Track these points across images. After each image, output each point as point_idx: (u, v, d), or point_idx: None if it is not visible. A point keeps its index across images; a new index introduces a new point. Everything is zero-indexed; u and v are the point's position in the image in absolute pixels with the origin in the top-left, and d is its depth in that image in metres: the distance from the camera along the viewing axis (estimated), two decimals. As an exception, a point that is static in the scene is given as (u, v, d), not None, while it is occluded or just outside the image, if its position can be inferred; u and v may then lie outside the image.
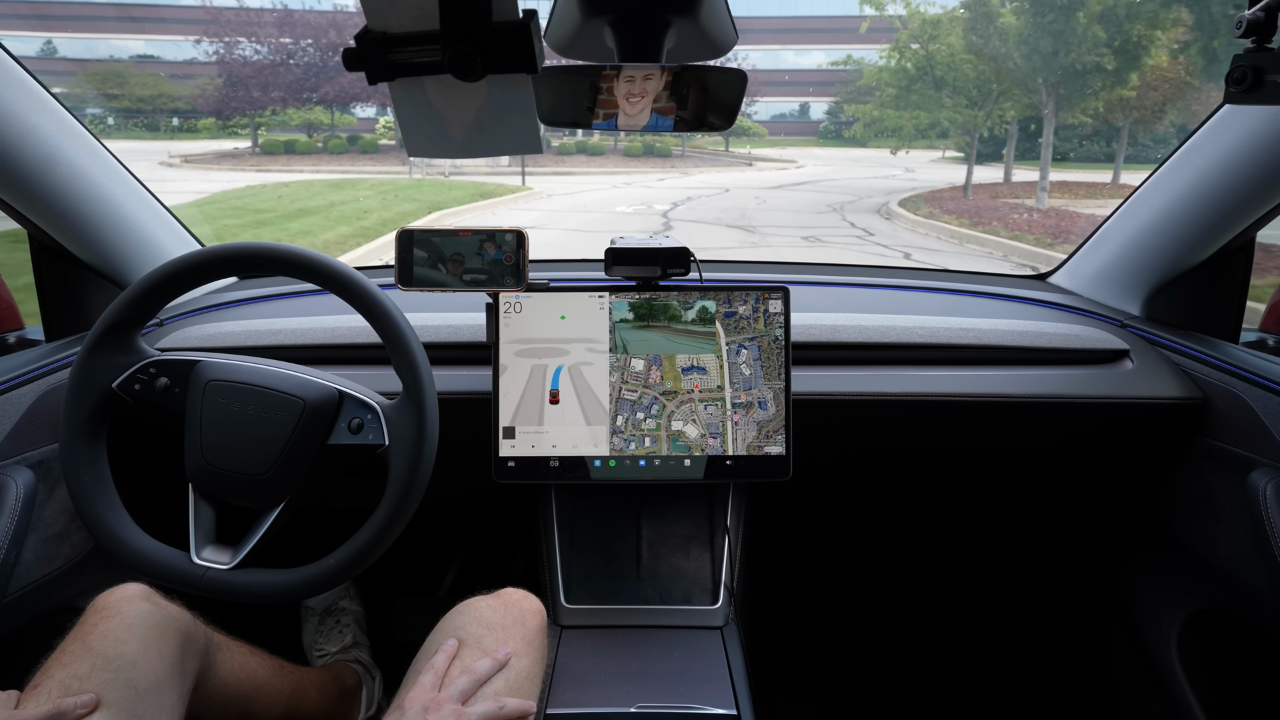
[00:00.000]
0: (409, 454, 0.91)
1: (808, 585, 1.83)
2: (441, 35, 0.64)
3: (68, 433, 0.94)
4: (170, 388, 0.96)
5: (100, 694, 0.82)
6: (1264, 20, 0.78)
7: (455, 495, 1.54)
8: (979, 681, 1.69)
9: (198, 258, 0.95)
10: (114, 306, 0.95)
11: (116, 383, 0.96)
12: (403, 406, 0.93)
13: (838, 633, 1.79)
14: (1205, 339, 1.28)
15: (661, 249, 1.13)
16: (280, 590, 0.92)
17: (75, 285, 1.32)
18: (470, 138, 0.77)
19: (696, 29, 0.83)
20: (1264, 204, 1.16)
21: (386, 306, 0.93)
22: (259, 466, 0.92)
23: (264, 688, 1.09)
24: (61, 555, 1.15)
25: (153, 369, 0.97)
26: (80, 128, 1.20)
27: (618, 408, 1.13)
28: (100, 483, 0.95)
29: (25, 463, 1.09)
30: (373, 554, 0.92)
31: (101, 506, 0.94)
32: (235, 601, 0.92)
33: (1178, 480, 1.28)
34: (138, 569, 0.93)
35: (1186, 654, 1.26)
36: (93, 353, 0.95)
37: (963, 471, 1.47)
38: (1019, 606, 1.74)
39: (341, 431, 0.94)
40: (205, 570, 0.92)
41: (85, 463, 0.94)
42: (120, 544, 0.93)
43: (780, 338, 1.14)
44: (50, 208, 1.19)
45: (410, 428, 0.91)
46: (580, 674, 1.03)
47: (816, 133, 30.11)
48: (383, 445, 0.92)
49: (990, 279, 1.61)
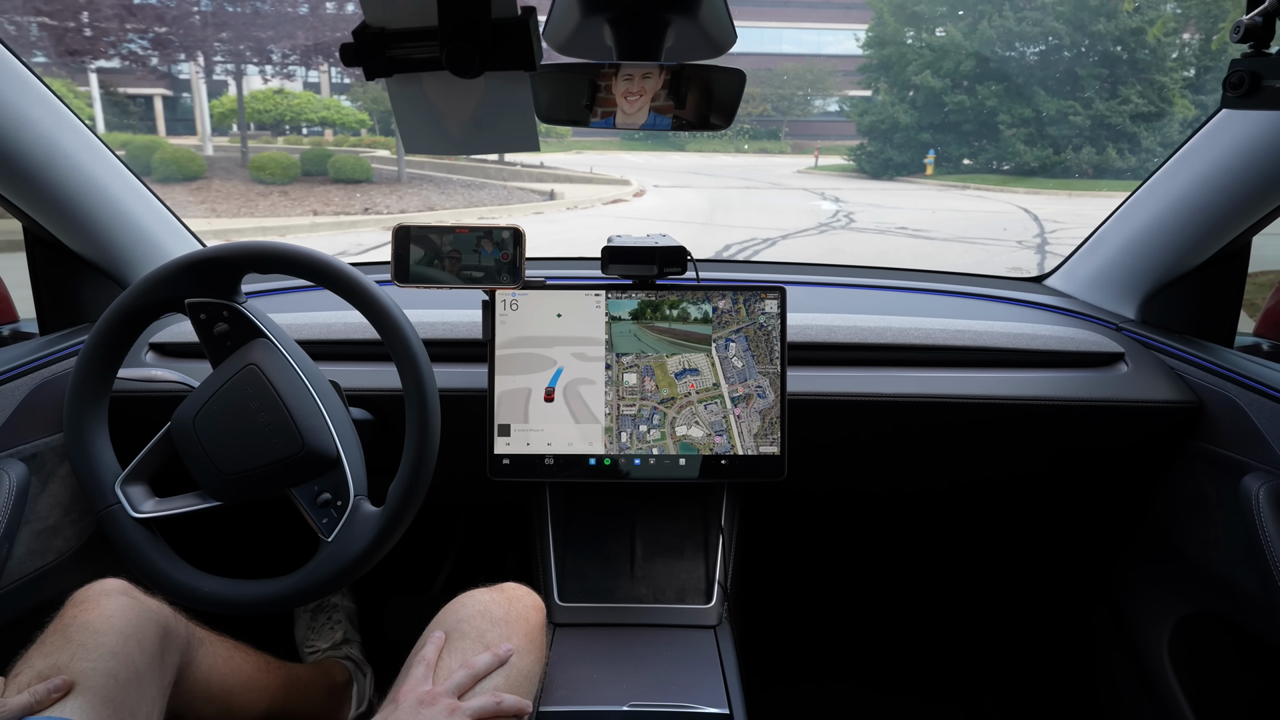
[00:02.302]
0: (336, 565, 0.90)
1: (801, 585, 1.83)
2: (440, 31, 0.64)
3: (118, 312, 0.94)
4: (225, 338, 0.97)
5: (80, 682, 0.81)
6: (1262, 26, 0.78)
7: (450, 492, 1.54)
8: (972, 681, 1.70)
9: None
10: (230, 245, 0.96)
11: (192, 300, 0.96)
12: (373, 520, 0.92)
13: (831, 632, 1.79)
14: (1200, 343, 1.28)
15: (658, 248, 1.13)
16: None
17: (70, 279, 1.32)
18: (468, 135, 0.77)
19: (695, 28, 0.83)
20: (1260, 209, 1.16)
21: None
22: (229, 464, 0.92)
23: (249, 683, 1.09)
24: (54, 549, 1.15)
25: (227, 312, 0.97)
26: (76, 121, 1.19)
27: (620, 424, 1.13)
28: (101, 376, 0.96)
29: (18, 456, 1.09)
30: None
31: (87, 394, 0.95)
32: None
33: (1171, 483, 1.28)
34: (71, 458, 0.94)
35: (1178, 656, 1.27)
36: (193, 267, 0.95)
37: (955, 471, 1.48)
38: (1012, 608, 1.74)
39: (308, 491, 0.93)
40: (113, 504, 0.93)
41: (108, 350, 0.95)
42: (78, 432, 0.94)
43: (764, 325, 1.14)
44: (45, 201, 1.19)
45: (359, 546, 0.91)
46: (574, 672, 1.03)
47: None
48: (325, 538, 0.92)
49: (986, 281, 1.61)
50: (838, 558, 1.84)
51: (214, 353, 0.97)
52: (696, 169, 19.52)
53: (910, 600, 1.82)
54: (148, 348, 1.26)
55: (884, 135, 19.02)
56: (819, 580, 1.83)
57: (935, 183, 17.75)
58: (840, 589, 1.84)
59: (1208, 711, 1.23)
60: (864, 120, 19.73)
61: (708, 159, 22.65)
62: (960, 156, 19.27)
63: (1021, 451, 1.37)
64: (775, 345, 1.14)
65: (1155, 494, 1.32)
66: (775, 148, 25.12)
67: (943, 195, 15.65)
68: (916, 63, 18.27)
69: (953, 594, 1.80)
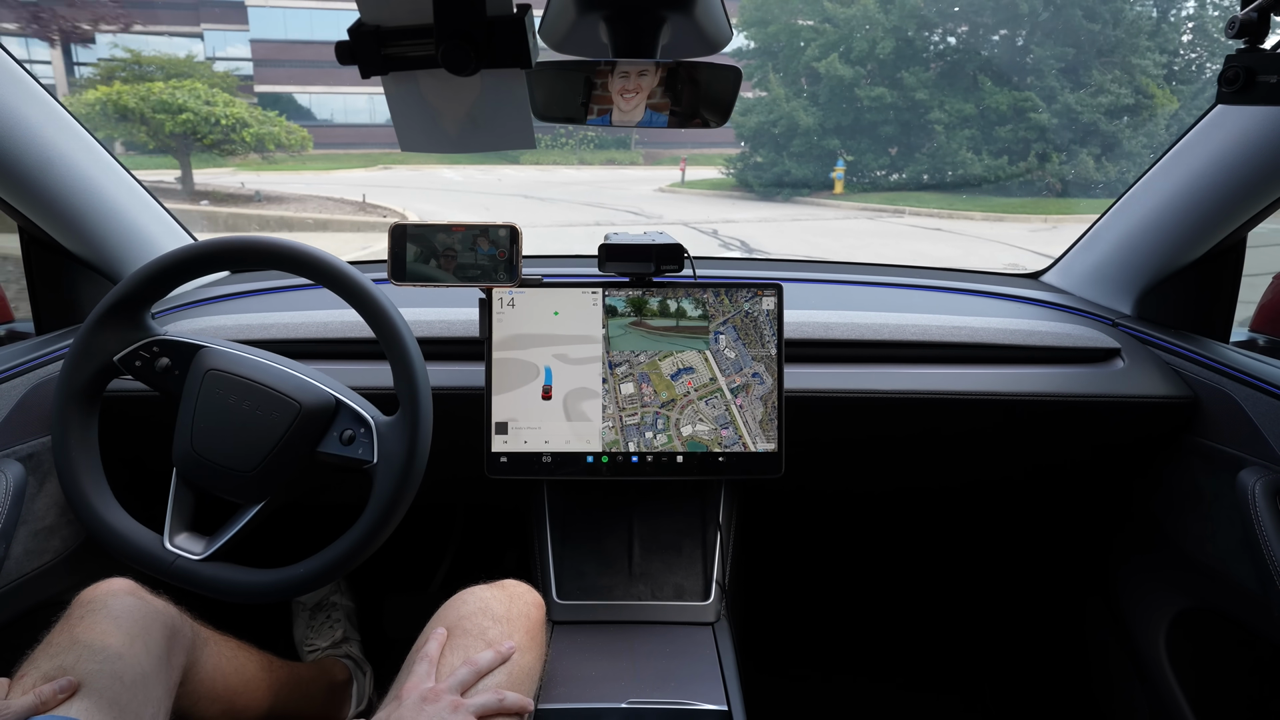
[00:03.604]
0: (396, 475, 0.91)
1: (799, 581, 1.83)
2: (435, 29, 0.64)
3: (62, 398, 0.94)
4: (171, 369, 0.96)
5: (86, 684, 0.82)
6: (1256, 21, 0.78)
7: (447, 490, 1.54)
8: (970, 676, 1.70)
9: (196, 251, 0.95)
10: (128, 281, 0.95)
11: (119, 355, 0.95)
12: (397, 424, 0.92)
13: (829, 628, 1.80)
14: (1196, 338, 1.29)
15: (655, 245, 1.13)
16: (246, 589, 0.92)
17: (66, 278, 1.31)
18: (464, 133, 0.77)
19: (691, 25, 0.83)
20: (1255, 204, 1.16)
21: (383, 304, 0.93)
22: (245, 462, 0.92)
23: (252, 682, 1.09)
24: (51, 549, 1.14)
25: (156, 348, 0.97)
26: (71, 120, 1.19)
27: (625, 435, 1.13)
28: (87, 454, 0.95)
29: (15, 456, 1.09)
30: (346, 566, 0.92)
31: (83, 477, 0.94)
32: (203, 595, 0.92)
33: (1167, 478, 1.28)
34: (106, 544, 0.93)
35: (1174, 650, 1.27)
36: (101, 322, 0.94)
37: (955, 468, 1.48)
38: (1010, 602, 1.75)
39: (333, 440, 0.94)
40: (175, 558, 0.92)
41: (75, 432, 0.94)
42: (95, 516, 0.93)
43: (750, 312, 1.14)
44: (40, 200, 1.19)
45: (401, 446, 0.91)
46: (572, 670, 1.03)
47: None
48: (370, 461, 0.92)
49: (983, 277, 1.61)
50: (835, 553, 1.84)
51: (171, 387, 0.97)
52: (529, 187, 15.17)
53: (908, 595, 1.82)
54: None
55: (775, 142, 14.30)
56: (817, 576, 1.84)
57: (852, 204, 13.22)
58: (838, 584, 1.84)
59: (1203, 704, 1.23)
60: (747, 121, 14.48)
61: (545, 173, 18.36)
62: (878, 168, 14.55)
63: (1019, 447, 1.37)
64: (765, 331, 1.14)
65: (1151, 489, 1.33)
66: (625, 158, 20.88)
67: (863, 221, 11.85)
68: (816, 44, 13.72)
69: (950, 589, 1.81)
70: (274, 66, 21.93)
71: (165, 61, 15.51)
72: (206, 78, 15.57)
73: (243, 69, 21.74)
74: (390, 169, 18.32)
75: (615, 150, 21.25)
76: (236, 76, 19.50)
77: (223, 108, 12.97)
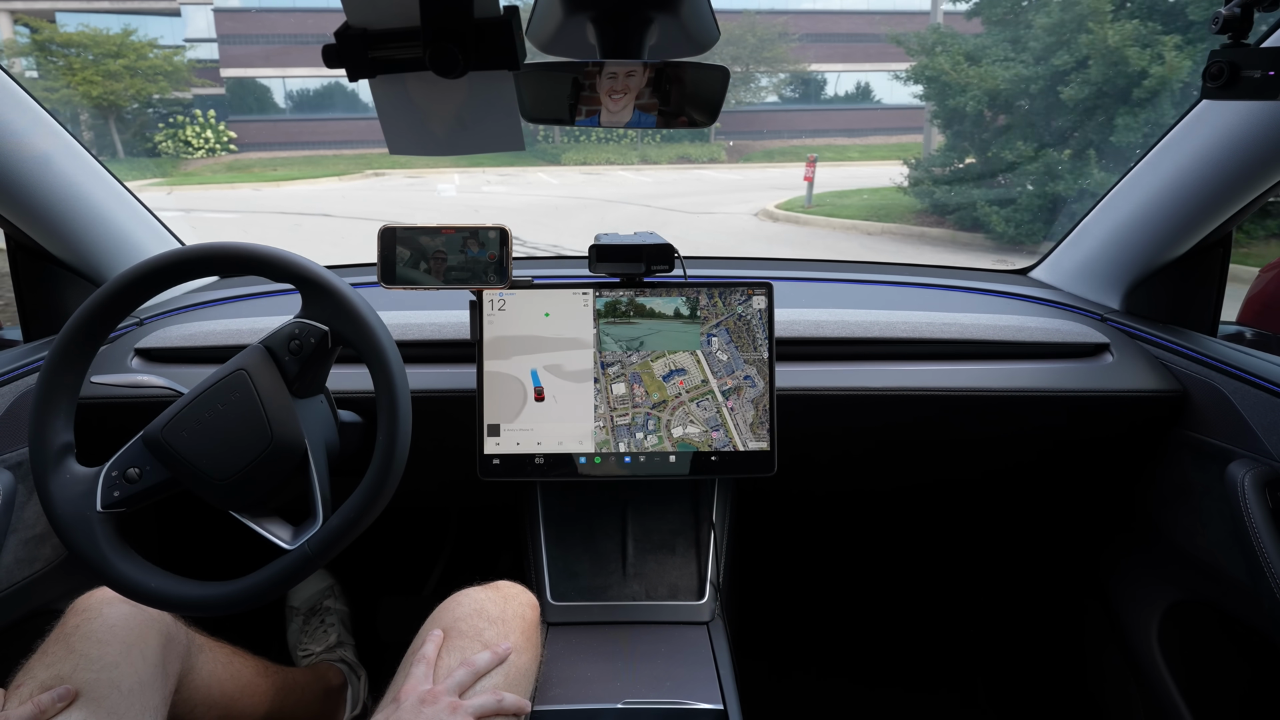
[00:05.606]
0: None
1: (793, 580, 1.84)
2: (423, 32, 0.64)
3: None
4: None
5: (84, 692, 0.81)
6: (1240, 16, 0.79)
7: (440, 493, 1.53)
8: (964, 673, 1.71)
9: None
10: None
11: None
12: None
13: (824, 627, 1.80)
14: (1184, 332, 1.29)
15: (646, 245, 1.13)
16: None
17: (53, 284, 1.30)
18: (452, 135, 0.77)
19: (678, 25, 0.83)
20: (1241, 198, 1.17)
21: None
22: (222, 469, 0.87)
23: (248, 688, 1.09)
24: (41, 557, 1.14)
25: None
26: (57, 125, 1.18)
27: (616, 435, 1.13)
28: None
29: (4, 464, 1.08)
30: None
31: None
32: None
33: (1157, 472, 1.29)
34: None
35: (1167, 643, 1.28)
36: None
37: (945, 464, 1.48)
38: (1002, 597, 1.76)
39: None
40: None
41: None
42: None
43: (743, 315, 1.14)
44: (26, 205, 1.18)
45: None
46: (567, 670, 1.03)
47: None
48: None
49: (972, 274, 1.62)
50: (829, 552, 1.85)
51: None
52: (569, 200, 9.87)
53: (902, 592, 1.83)
54: (133, 353, 1.25)
55: (1030, 121, 7.38)
56: (811, 574, 1.84)
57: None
58: (832, 583, 1.84)
59: (1196, 696, 1.24)
60: (980, 78, 7.60)
61: (592, 175, 12.80)
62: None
63: (1009, 443, 1.38)
64: (757, 334, 1.14)
65: (1142, 483, 1.33)
66: (702, 153, 15.35)
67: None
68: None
69: (943, 585, 1.81)
70: (242, 44, 17.80)
71: (91, 39, 13.27)
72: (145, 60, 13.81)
73: (199, 50, 17.76)
74: (383, 174, 14.69)
75: (689, 144, 15.42)
76: (192, 60, 16.87)
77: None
